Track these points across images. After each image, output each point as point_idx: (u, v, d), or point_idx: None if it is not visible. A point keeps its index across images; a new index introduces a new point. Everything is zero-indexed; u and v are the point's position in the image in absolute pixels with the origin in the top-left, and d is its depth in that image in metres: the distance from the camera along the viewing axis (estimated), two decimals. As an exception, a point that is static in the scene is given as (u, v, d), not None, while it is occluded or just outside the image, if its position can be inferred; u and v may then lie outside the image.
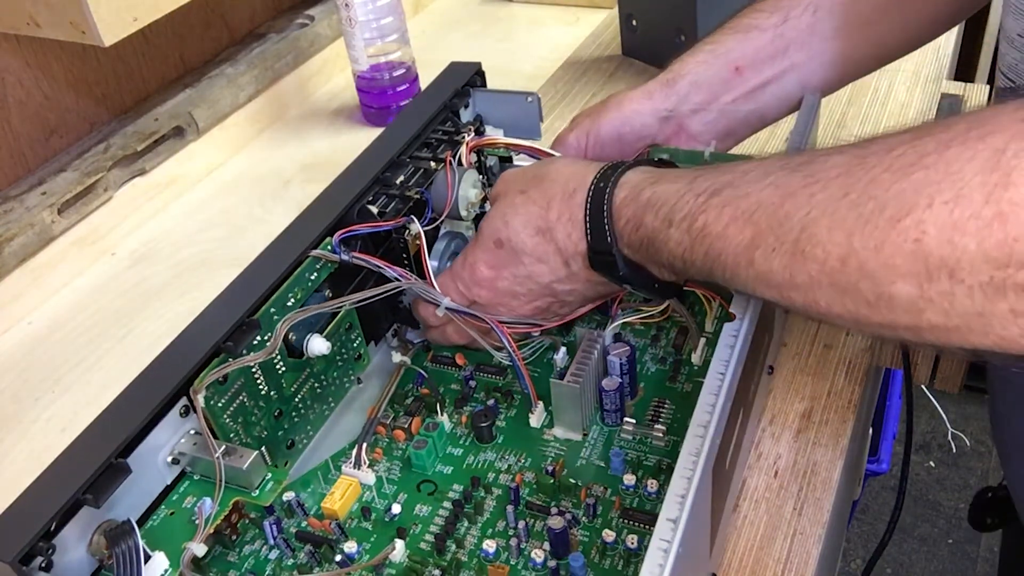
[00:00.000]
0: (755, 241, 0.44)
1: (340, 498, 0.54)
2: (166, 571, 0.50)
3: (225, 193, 0.96)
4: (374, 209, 0.60)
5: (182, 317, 0.76)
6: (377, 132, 0.89)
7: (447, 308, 0.58)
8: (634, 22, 1.02)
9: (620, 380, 0.57)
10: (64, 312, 0.82)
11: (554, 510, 0.53)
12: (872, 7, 0.64)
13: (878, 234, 0.38)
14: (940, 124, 0.38)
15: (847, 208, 0.39)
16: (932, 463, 1.87)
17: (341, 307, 0.58)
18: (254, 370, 0.53)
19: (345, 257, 0.57)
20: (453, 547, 0.52)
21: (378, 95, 1.01)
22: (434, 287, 0.59)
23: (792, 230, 0.42)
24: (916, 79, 0.95)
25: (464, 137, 0.67)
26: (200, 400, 0.50)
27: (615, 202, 0.52)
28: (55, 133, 0.88)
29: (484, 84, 0.75)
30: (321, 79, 1.12)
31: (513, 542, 0.51)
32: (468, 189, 0.64)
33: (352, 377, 0.62)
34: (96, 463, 0.46)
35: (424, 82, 1.02)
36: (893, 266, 0.37)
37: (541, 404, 0.59)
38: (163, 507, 0.53)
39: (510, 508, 0.53)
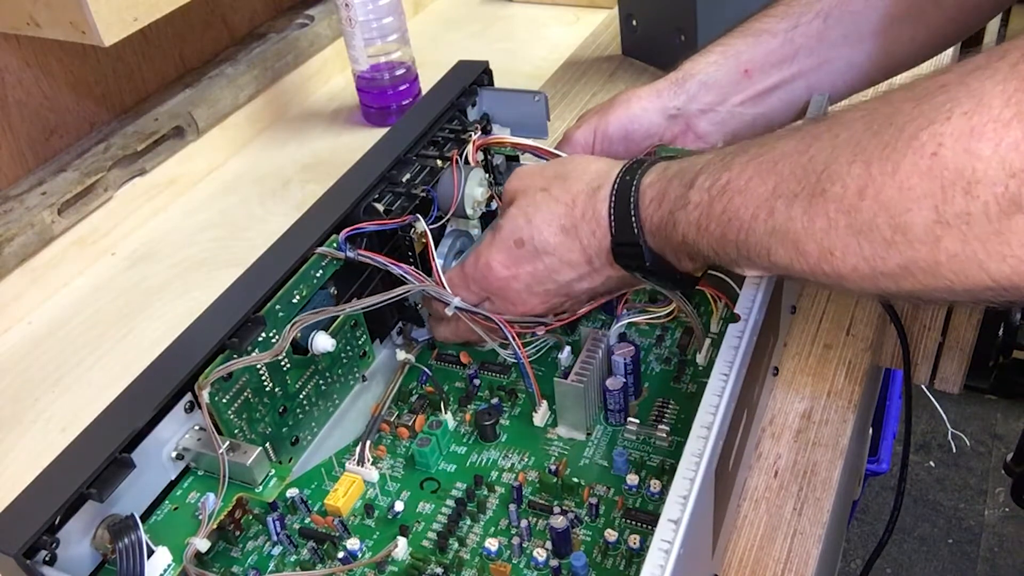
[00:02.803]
0: (777, 190, 0.44)
1: (343, 495, 0.54)
2: (169, 566, 0.50)
3: (225, 193, 0.96)
4: (380, 207, 0.60)
5: (182, 317, 0.76)
6: (377, 132, 0.89)
7: (456, 308, 0.58)
8: (634, 22, 1.03)
9: (624, 380, 0.57)
10: (64, 312, 0.82)
11: (557, 509, 0.53)
12: (880, 17, 0.64)
13: (896, 156, 0.38)
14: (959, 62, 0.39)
15: (868, 138, 0.40)
16: (932, 463, 1.87)
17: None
18: (259, 367, 0.53)
19: (351, 255, 0.57)
20: (455, 545, 0.52)
21: (378, 95, 1.01)
22: (443, 286, 0.59)
23: (814, 172, 0.42)
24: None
25: (471, 135, 0.67)
26: (205, 396, 0.50)
27: (642, 186, 0.53)
28: (55, 133, 0.88)
29: (491, 83, 0.75)
30: (321, 79, 1.12)
31: (515, 541, 0.51)
32: (474, 188, 0.65)
33: (357, 374, 0.63)
34: (100, 458, 0.46)
35: (424, 82, 1.02)
36: (909, 189, 0.38)
37: (545, 403, 0.59)
38: (167, 502, 0.53)
39: (513, 507, 0.53)
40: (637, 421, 0.57)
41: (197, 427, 0.53)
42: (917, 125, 0.38)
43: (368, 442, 0.57)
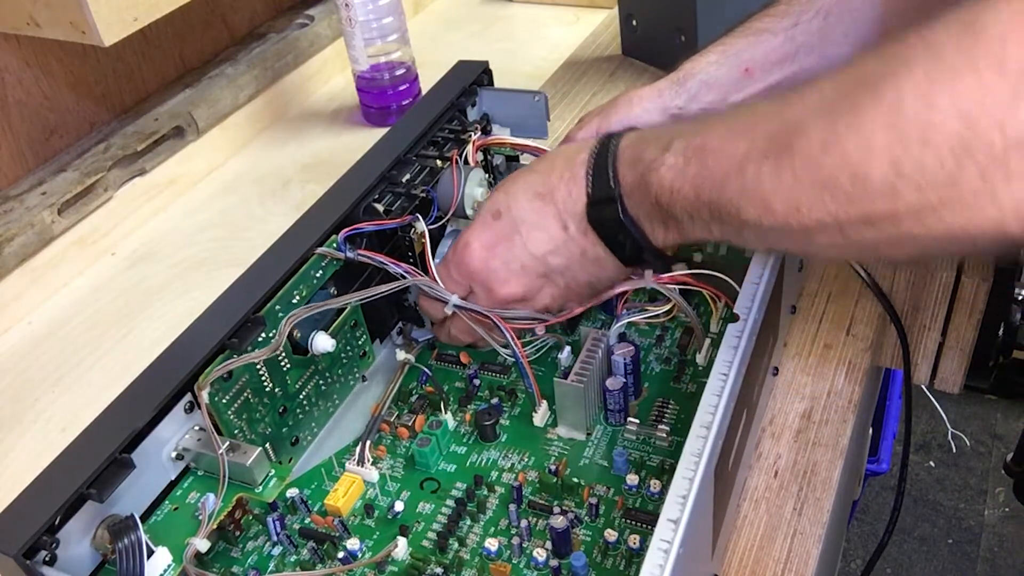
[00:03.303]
0: (749, 152, 0.45)
1: (343, 495, 0.54)
2: (169, 566, 0.50)
3: (225, 193, 0.96)
4: (380, 207, 0.60)
5: (182, 317, 0.76)
6: (377, 132, 0.89)
7: (455, 306, 0.58)
8: (634, 22, 1.03)
9: (624, 380, 0.57)
10: (64, 312, 0.82)
11: (556, 509, 0.53)
12: (880, 15, 0.64)
13: (859, 111, 0.39)
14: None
15: (836, 98, 0.41)
16: (932, 463, 1.87)
17: (347, 304, 0.58)
18: (259, 367, 0.53)
19: (350, 255, 0.57)
20: (455, 545, 0.52)
21: (378, 95, 1.01)
22: (439, 284, 0.59)
23: (784, 131, 0.43)
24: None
25: (471, 136, 0.67)
26: (204, 396, 0.50)
27: (620, 146, 0.54)
28: (55, 133, 0.88)
29: (491, 83, 0.75)
30: (321, 79, 1.12)
31: (515, 541, 0.51)
32: (474, 188, 0.65)
33: (357, 375, 0.63)
34: (100, 458, 0.46)
35: (424, 82, 1.02)
36: (869, 141, 0.39)
37: (545, 403, 0.59)
38: (167, 503, 0.53)
39: (513, 507, 0.53)
40: (637, 421, 0.57)
41: (197, 427, 0.53)
42: (880, 81, 0.39)
43: (368, 442, 0.57)
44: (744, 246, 0.52)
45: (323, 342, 0.57)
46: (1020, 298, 0.71)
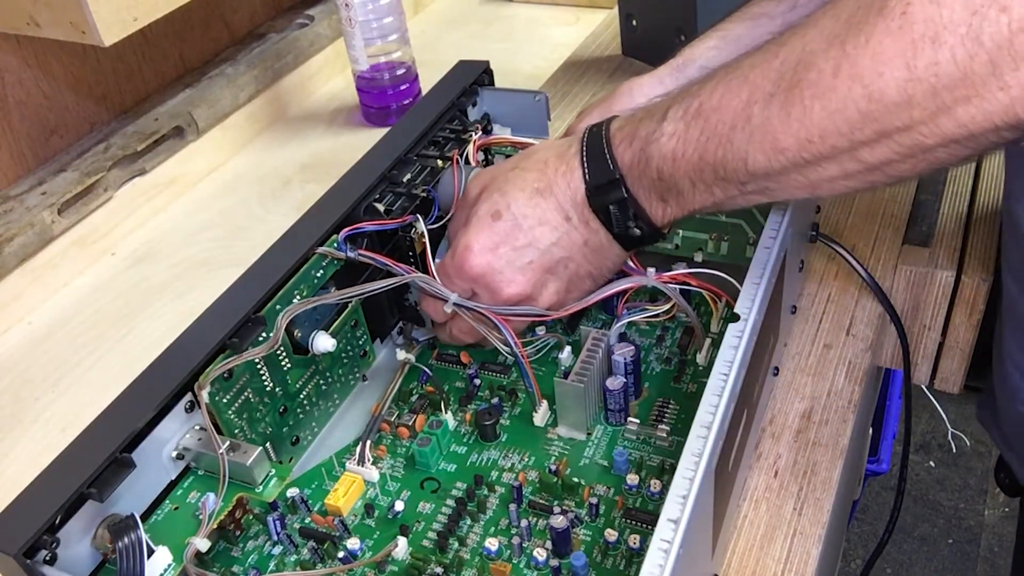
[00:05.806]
0: (751, 97, 0.45)
1: (343, 495, 0.54)
2: (169, 566, 0.50)
3: (225, 193, 0.96)
4: (380, 207, 0.60)
5: (182, 317, 0.76)
6: (377, 132, 0.89)
7: (455, 304, 0.58)
8: (634, 22, 1.03)
9: (624, 380, 0.57)
10: (64, 312, 0.82)
11: (557, 509, 0.53)
12: None
13: (868, 28, 0.40)
14: None
15: (840, 25, 0.42)
16: (932, 463, 1.87)
17: (347, 305, 0.58)
18: (259, 366, 0.54)
19: (351, 254, 0.57)
20: (456, 545, 0.52)
21: (378, 95, 1.01)
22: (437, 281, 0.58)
23: (789, 68, 0.44)
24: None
25: (472, 135, 0.67)
26: (204, 396, 0.50)
27: (612, 130, 0.54)
28: (55, 133, 0.88)
29: (492, 83, 0.75)
30: (321, 79, 1.13)
31: (515, 540, 0.51)
32: (474, 188, 0.65)
33: (357, 374, 0.63)
34: (101, 458, 0.46)
35: (424, 82, 1.02)
36: (880, 53, 0.39)
37: (545, 403, 0.59)
38: (167, 502, 0.53)
39: (513, 507, 0.53)
40: (637, 421, 0.57)
41: (197, 427, 0.53)
42: None
43: (368, 442, 0.57)
44: (744, 205, 0.51)
45: (324, 342, 0.57)
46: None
